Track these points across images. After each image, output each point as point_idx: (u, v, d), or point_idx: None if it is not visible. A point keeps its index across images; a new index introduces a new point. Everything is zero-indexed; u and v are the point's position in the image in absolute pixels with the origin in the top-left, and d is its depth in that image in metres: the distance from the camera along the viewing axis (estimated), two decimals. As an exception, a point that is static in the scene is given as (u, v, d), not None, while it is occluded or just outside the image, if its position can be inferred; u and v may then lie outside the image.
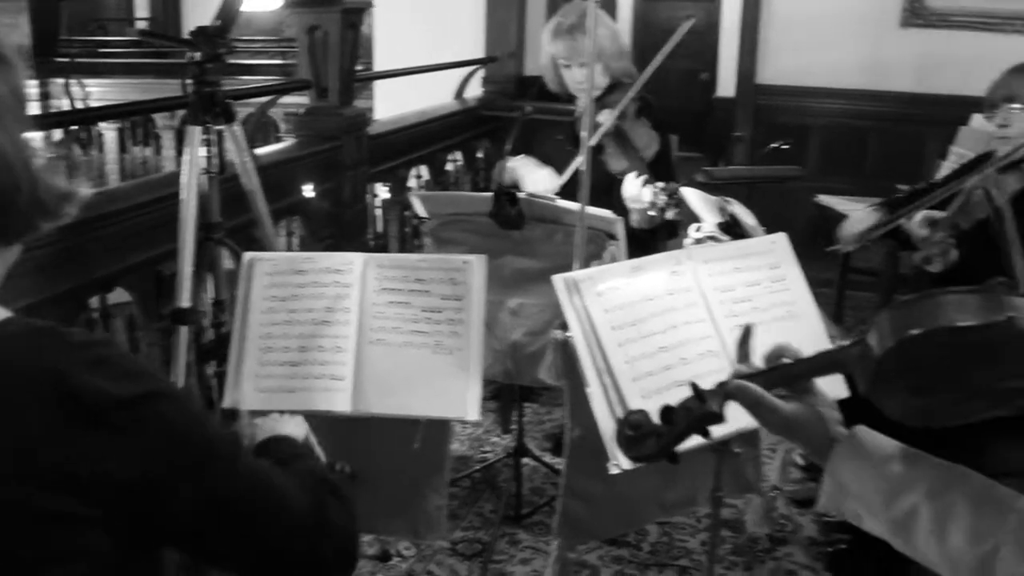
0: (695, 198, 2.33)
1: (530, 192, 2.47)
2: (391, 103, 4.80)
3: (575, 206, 2.14)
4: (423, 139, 4.06)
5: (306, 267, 1.92)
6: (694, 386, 1.11)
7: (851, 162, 4.94)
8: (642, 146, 2.77)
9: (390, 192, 3.79)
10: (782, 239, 1.92)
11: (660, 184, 2.46)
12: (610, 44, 2.78)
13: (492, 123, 4.50)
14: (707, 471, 1.92)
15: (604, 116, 2.64)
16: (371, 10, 4.56)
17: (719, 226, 2.16)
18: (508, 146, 2.61)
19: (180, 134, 1.85)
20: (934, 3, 4.69)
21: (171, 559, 0.98)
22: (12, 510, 0.84)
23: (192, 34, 2.09)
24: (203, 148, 2.14)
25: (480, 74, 4.84)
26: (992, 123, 2.26)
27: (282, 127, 6.07)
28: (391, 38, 5.13)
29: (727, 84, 5.36)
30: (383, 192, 3.78)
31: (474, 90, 4.80)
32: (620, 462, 1.59)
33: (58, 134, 6.05)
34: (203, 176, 2.15)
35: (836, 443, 1.05)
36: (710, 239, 2.11)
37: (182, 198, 2.09)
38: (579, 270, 1.86)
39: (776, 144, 3.95)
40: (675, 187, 2.42)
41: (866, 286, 4.25)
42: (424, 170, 4.15)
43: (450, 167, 4.41)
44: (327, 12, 3.17)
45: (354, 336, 1.86)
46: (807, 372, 1.10)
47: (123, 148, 6.41)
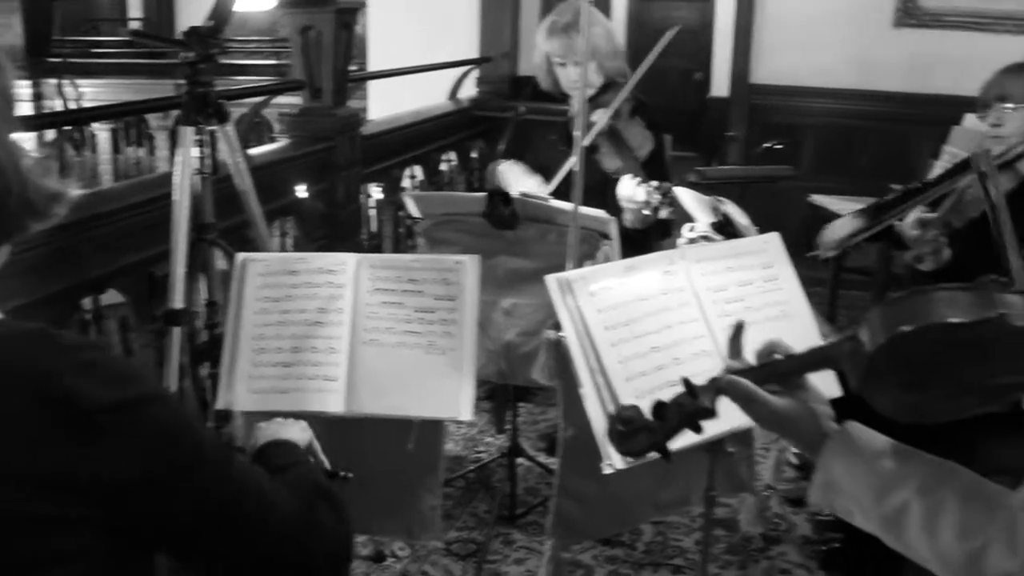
0: (688, 198, 2.33)
1: (524, 192, 2.47)
2: (385, 103, 4.80)
3: (568, 206, 2.14)
4: (417, 139, 4.06)
5: (299, 268, 1.92)
6: (686, 381, 1.11)
7: (844, 162, 4.95)
8: (636, 146, 2.77)
9: (383, 192, 3.79)
10: (775, 239, 1.92)
11: (654, 183, 2.47)
12: (605, 43, 2.78)
13: (486, 123, 4.50)
14: (701, 471, 1.92)
15: (598, 116, 2.64)
16: (365, 10, 4.58)
17: (712, 226, 2.16)
18: (501, 146, 2.61)
19: (174, 135, 1.85)
20: (927, 3, 4.71)
21: (161, 562, 0.98)
22: (3, 512, 0.84)
23: (184, 34, 2.09)
24: (196, 148, 2.13)
25: (474, 74, 4.85)
26: (985, 122, 2.27)
27: (276, 127, 6.05)
28: (385, 38, 5.13)
29: (721, 84, 5.38)
30: (376, 192, 3.78)
31: (468, 90, 4.80)
32: (613, 461, 1.59)
33: (51, 134, 6.02)
34: (196, 177, 2.15)
35: (827, 438, 1.05)
36: (703, 239, 2.11)
37: (175, 199, 2.09)
38: (572, 270, 1.86)
39: (769, 144, 3.96)
40: (669, 186, 2.43)
41: (860, 285, 4.26)
42: (418, 170, 4.15)
43: (444, 167, 4.41)
44: (320, 12, 3.17)
45: (347, 337, 1.86)
46: (799, 368, 1.10)
47: (116, 149, 6.38)
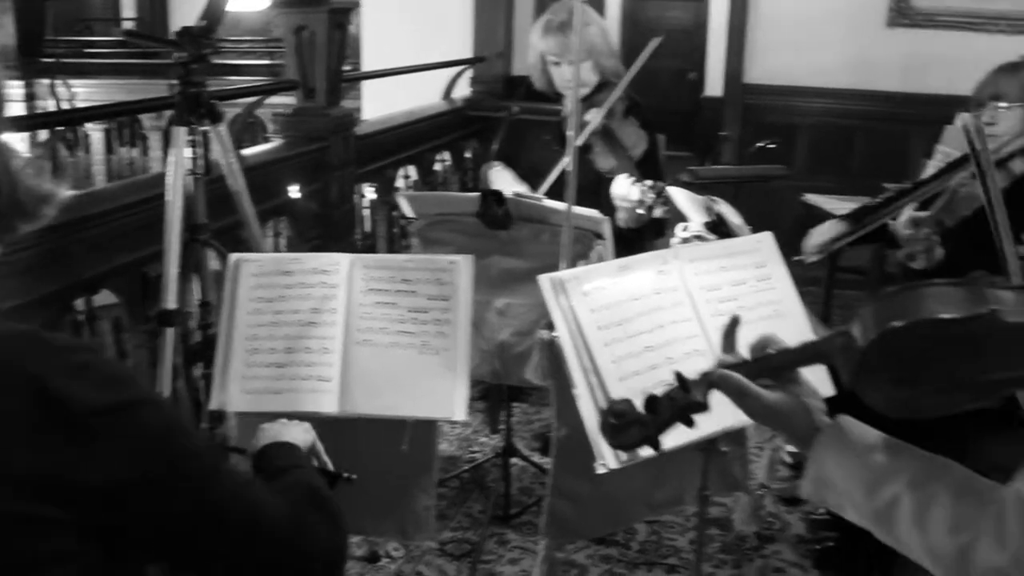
0: (682, 197, 2.34)
1: (517, 192, 2.47)
2: (379, 103, 4.79)
3: (562, 206, 2.14)
4: (411, 139, 4.06)
5: (292, 268, 1.92)
6: (678, 375, 1.11)
7: (838, 161, 4.96)
8: (630, 145, 2.77)
9: (377, 193, 3.79)
10: (768, 238, 1.93)
11: (648, 183, 2.47)
12: (601, 41, 2.78)
13: (480, 123, 4.50)
14: (694, 470, 1.92)
15: (592, 115, 2.64)
16: (359, 10, 4.57)
17: (706, 225, 2.17)
18: (494, 146, 2.60)
19: (167, 135, 1.85)
20: (920, 3, 4.72)
21: (153, 571, 0.98)
22: None
23: (177, 34, 2.09)
24: (189, 149, 2.13)
25: (468, 74, 4.84)
26: (978, 122, 2.27)
27: (270, 127, 6.04)
28: (379, 38, 5.13)
29: (715, 84, 5.38)
30: (370, 193, 3.78)
31: (462, 90, 4.80)
32: (607, 461, 1.59)
33: (44, 135, 6.01)
34: (189, 177, 2.15)
35: (819, 432, 1.06)
36: (697, 238, 2.12)
37: (167, 199, 2.09)
38: (565, 270, 1.86)
39: (762, 143, 3.96)
40: (662, 186, 2.43)
41: (854, 285, 4.27)
42: (412, 170, 4.14)
43: (438, 167, 4.41)
44: (314, 12, 3.16)
45: (341, 337, 1.86)
46: (791, 363, 1.10)
47: (110, 149, 6.37)
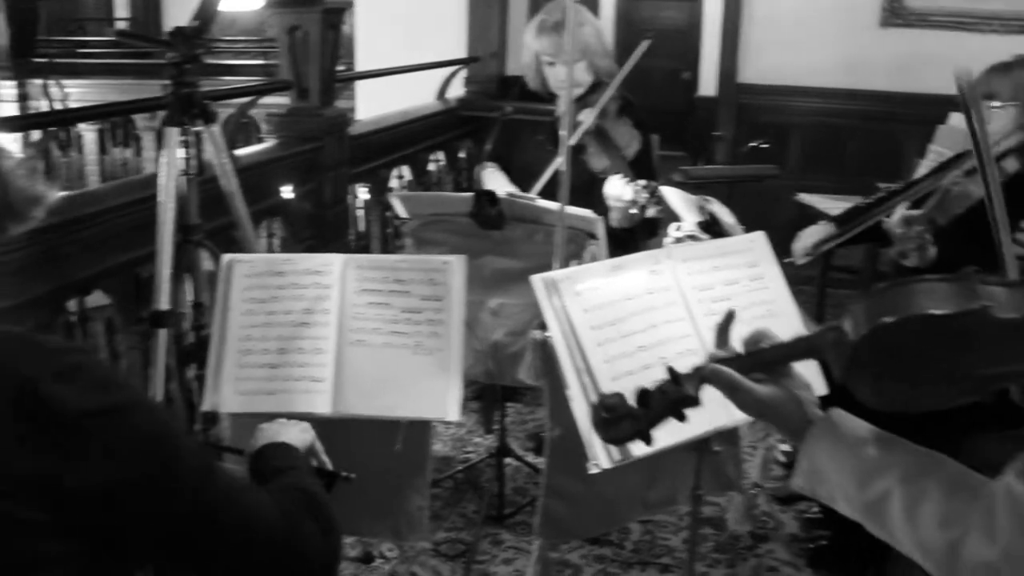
0: (675, 197, 2.34)
1: (510, 192, 2.47)
2: (373, 103, 4.79)
3: (555, 206, 2.14)
4: (405, 139, 4.05)
5: (285, 268, 1.92)
6: (670, 369, 1.11)
7: (831, 160, 4.97)
8: (623, 145, 2.77)
9: (370, 193, 3.78)
10: (760, 238, 1.93)
11: (641, 183, 2.47)
12: (595, 42, 2.78)
13: (474, 123, 4.50)
14: (688, 470, 1.93)
15: (585, 115, 2.64)
16: (352, 10, 4.57)
17: (699, 225, 2.17)
18: (488, 146, 2.60)
19: (160, 135, 1.84)
20: (913, 3, 4.73)
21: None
22: None
23: (169, 35, 2.08)
24: (182, 149, 2.13)
25: (462, 74, 4.84)
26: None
27: (264, 128, 6.04)
28: (373, 38, 5.12)
29: (709, 83, 5.40)
30: (364, 193, 3.77)
31: (456, 90, 4.80)
32: (600, 460, 1.59)
33: (37, 135, 6.00)
34: (182, 178, 2.14)
35: (812, 425, 1.06)
36: (690, 238, 2.12)
37: (160, 200, 2.08)
38: (558, 270, 1.86)
39: (755, 143, 3.97)
40: (656, 186, 2.43)
41: (847, 284, 4.28)
42: (406, 170, 4.14)
43: (432, 167, 4.40)
44: (307, 12, 3.16)
45: (334, 337, 1.86)
46: (782, 357, 1.10)
47: (103, 149, 6.35)
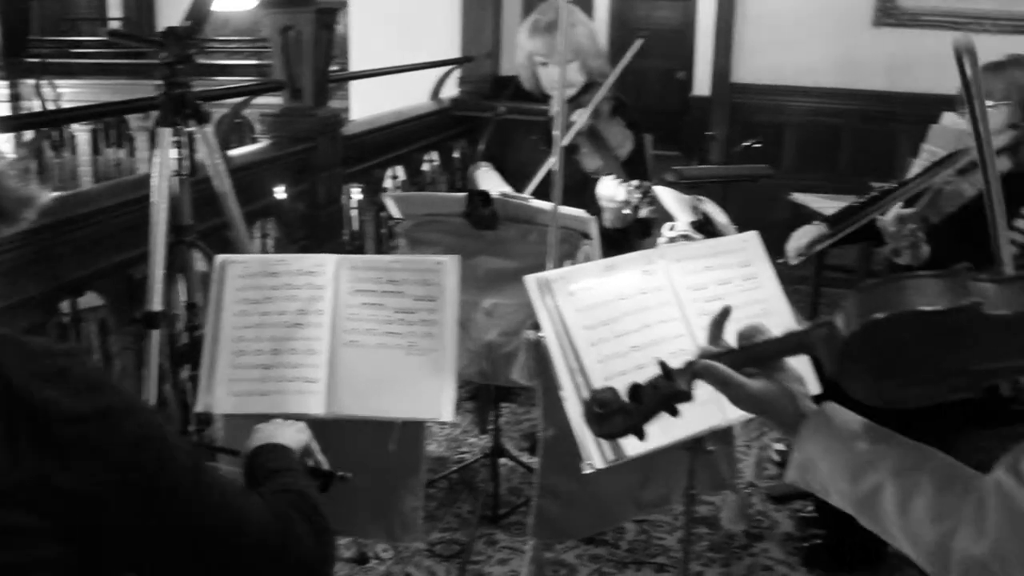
0: (668, 197, 2.35)
1: (504, 192, 2.47)
2: (367, 103, 4.79)
3: (549, 206, 2.14)
4: (399, 139, 4.05)
5: (279, 269, 1.92)
6: (662, 364, 1.12)
7: (825, 160, 4.99)
8: (616, 145, 2.77)
9: (363, 193, 3.78)
10: (753, 237, 1.93)
11: (634, 183, 2.47)
12: (588, 42, 2.78)
13: (468, 123, 4.50)
14: (681, 469, 1.93)
15: (578, 115, 2.64)
16: (346, 10, 4.56)
17: (692, 225, 2.17)
18: (481, 146, 2.60)
19: (154, 136, 1.84)
20: (905, 3, 4.75)
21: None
22: None
23: (161, 35, 2.08)
24: (175, 150, 2.12)
25: (456, 74, 4.84)
26: (964, 120, 2.29)
27: (258, 128, 6.03)
28: (366, 38, 5.12)
29: (703, 83, 5.40)
30: (358, 193, 3.77)
31: (450, 90, 4.80)
32: (594, 460, 1.59)
33: (29, 135, 5.99)
34: (174, 178, 2.14)
35: (805, 418, 1.07)
36: (683, 238, 2.12)
37: (153, 201, 2.08)
38: (551, 270, 1.86)
39: (747, 143, 3.97)
40: (648, 186, 2.43)
41: (841, 283, 4.28)
42: (400, 171, 4.14)
43: (426, 167, 4.40)
44: (301, 12, 3.15)
45: (327, 338, 1.86)
46: (774, 353, 1.11)
47: (96, 150, 6.34)
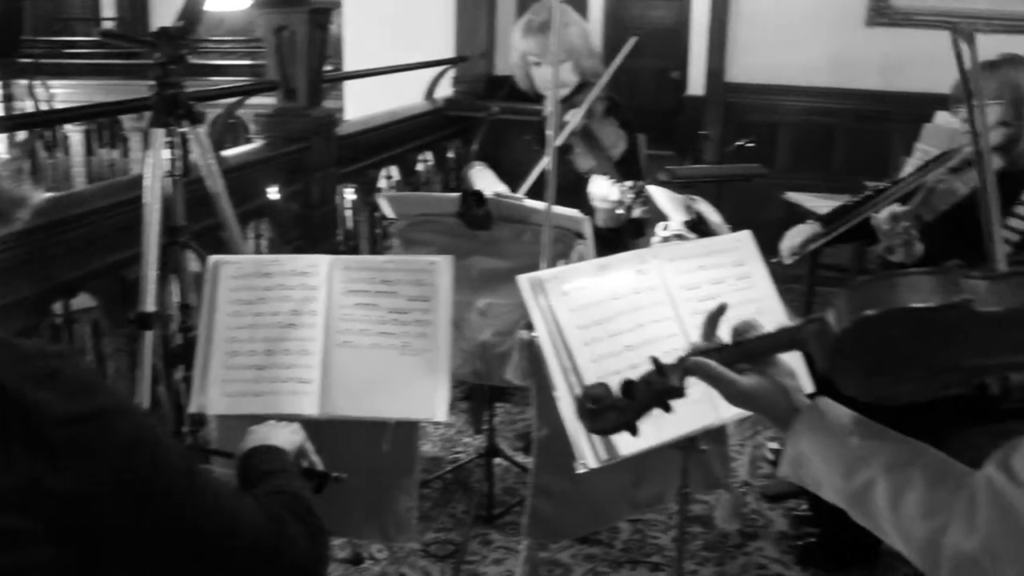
0: (662, 197, 2.35)
1: (498, 192, 2.47)
2: (361, 103, 4.78)
3: (542, 205, 2.14)
4: (393, 139, 4.05)
5: (272, 270, 1.91)
6: (655, 360, 1.12)
7: (819, 159, 4.99)
8: (609, 145, 2.78)
9: (356, 193, 3.77)
10: (746, 237, 1.93)
11: (628, 183, 2.48)
12: (581, 42, 2.78)
13: (463, 123, 4.50)
14: (675, 468, 1.93)
15: (571, 115, 2.64)
16: (340, 10, 4.55)
17: (686, 224, 2.18)
18: (475, 146, 2.60)
19: (147, 136, 1.84)
20: (899, 2, 4.75)
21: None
22: None
23: (154, 35, 2.08)
24: (167, 150, 2.12)
25: (450, 74, 4.84)
26: (957, 119, 2.30)
27: (252, 128, 6.02)
28: (360, 38, 5.11)
29: (697, 83, 5.41)
30: (351, 194, 3.77)
31: (444, 90, 4.79)
32: (587, 460, 1.60)
33: (22, 136, 5.97)
34: (167, 179, 2.14)
35: (798, 413, 1.07)
36: (676, 237, 2.13)
37: (146, 201, 2.08)
38: (545, 269, 1.86)
39: (741, 142, 3.97)
40: (642, 186, 2.44)
41: (835, 282, 4.29)
42: (394, 171, 4.14)
43: (421, 167, 4.40)
44: (294, 12, 3.15)
45: (321, 338, 1.86)
46: (766, 348, 1.11)
47: (89, 150, 6.32)
